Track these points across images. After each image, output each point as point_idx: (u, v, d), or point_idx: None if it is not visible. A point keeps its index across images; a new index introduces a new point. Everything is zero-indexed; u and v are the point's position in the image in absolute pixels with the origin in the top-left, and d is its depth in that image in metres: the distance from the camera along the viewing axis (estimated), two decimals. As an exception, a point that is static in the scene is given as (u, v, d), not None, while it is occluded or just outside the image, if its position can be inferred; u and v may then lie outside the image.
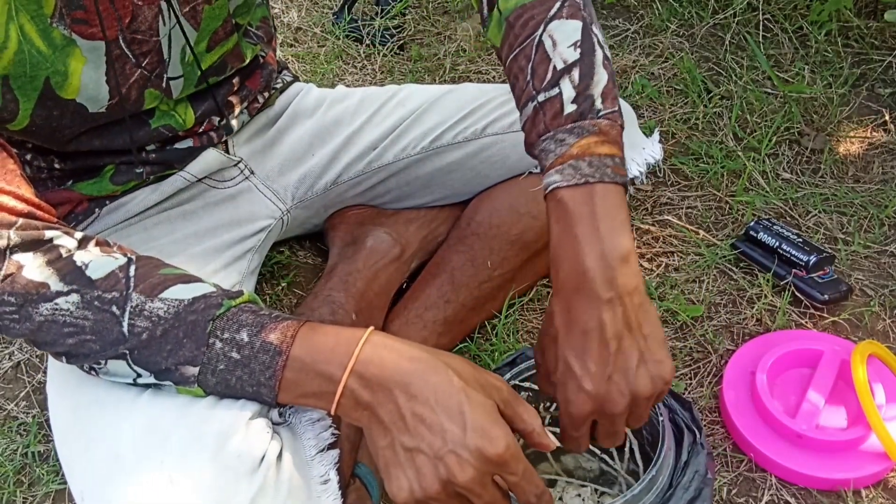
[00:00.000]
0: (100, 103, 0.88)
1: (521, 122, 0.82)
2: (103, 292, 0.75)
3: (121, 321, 0.74)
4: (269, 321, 0.74)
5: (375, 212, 1.23)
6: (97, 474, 0.77)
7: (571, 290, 0.73)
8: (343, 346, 0.72)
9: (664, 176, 1.38)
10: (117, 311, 0.74)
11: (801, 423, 1.01)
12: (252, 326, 0.74)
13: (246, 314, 0.75)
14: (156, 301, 0.75)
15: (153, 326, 0.74)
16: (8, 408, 1.15)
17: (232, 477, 0.73)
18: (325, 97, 1.21)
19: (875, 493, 0.99)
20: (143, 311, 0.74)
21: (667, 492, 0.79)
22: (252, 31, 1.08)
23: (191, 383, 0.75)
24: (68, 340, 0.76)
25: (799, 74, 1.53)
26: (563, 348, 0.74)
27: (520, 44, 0.82)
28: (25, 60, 0.80)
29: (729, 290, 1.22)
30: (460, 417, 0.68)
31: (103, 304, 0.75)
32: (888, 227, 1.29)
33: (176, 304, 0.75)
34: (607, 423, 0.75)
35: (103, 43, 0.85)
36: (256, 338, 0.73)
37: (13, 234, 0.74)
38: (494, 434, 0.68)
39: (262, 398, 0.75)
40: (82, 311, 0.75)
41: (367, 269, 1.15)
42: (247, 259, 1.10)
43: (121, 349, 0.75)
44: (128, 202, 1.02)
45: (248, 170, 1.12)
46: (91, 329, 0.75)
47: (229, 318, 0.74)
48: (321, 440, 0.81)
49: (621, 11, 1.74)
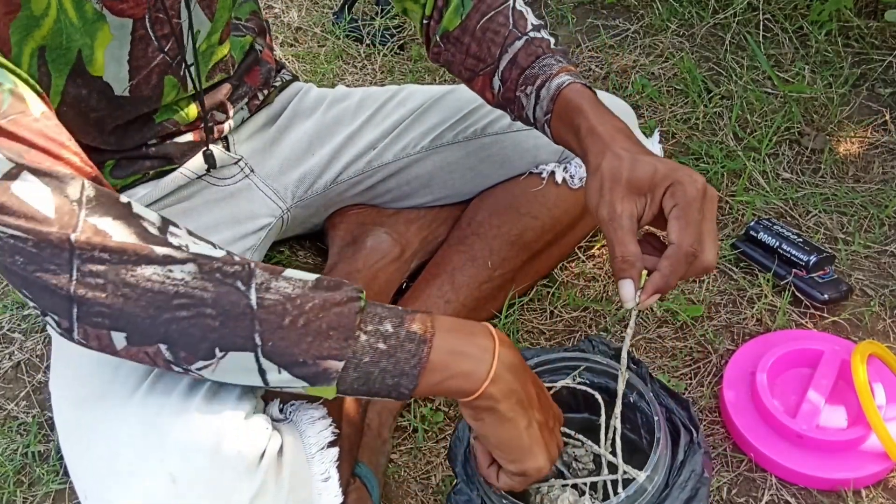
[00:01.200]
0: (122, 84, 0.89)
1: (507, 59, 0.94)
2: (224, 265, 0.70)
3: (247, 295, 0.69)
4: (404, 313, 0.74)
5: (375, 212, 1.23)
6: (98, 473, 0.77)
7: (612, 140, 0.82)
8: (478, 330, 0.76)
9: (664, 176, 1.38)
10: (242, 286, 0.69)
11: (802, 423, 1.01)
12: (393, 317, 0.73)
13: (378, 307, 0.74)
14: (280, 279, 0.71)
15: (285, 301, 0.70)
16: (8, 408, 1.15)
17: (232, 475, 0.73)
18: (325, 97, 1.21)
19: (875, 493, 0.99)
20: (271, 287, 0.70)
21: (663, 492, 0.79)
22: (241, 24, 1.08)
23: (330, 380, 0.71)
24: (180, 314, 0.67)
25: (799, 74, 1.53)
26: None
27: (494, 9, 0.96)
28: (62, 30, 0.80)
29: (729, 290, 1.22)
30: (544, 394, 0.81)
31: (226, 276, 0.69)
32: (888, 227, 1.29)
33: (302, 284, 0.71)
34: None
35: (131, 21, 0.85)
36: (400, 328, 0.72)
37: (88, 185, 0.69)
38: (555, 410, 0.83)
39: (398, 391, 0.72)
40: (201, 282, 0.68)
41: (366, 269, 1.15)
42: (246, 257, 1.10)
43: (254, 333, 0.69)
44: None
45: (248, 168, 1.12)
46: (213, 301, 0.68)
47: (369, 311, 0.73)
48: (321, 438, 0.81)
49: (621, 11, 1.74)
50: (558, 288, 1.23)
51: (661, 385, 0.94)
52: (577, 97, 0.88)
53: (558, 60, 0.93)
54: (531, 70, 0.93)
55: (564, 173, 1.16)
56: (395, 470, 1.05)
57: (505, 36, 0.95)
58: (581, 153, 0.86)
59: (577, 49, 1.66)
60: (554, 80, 0.90)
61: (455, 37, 0.98)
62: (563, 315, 1.20)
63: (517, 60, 0.94)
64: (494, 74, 0.96)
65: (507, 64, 0.95)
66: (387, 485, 1.03)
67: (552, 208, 1.16)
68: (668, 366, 1.13)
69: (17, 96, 0.70)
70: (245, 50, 1.08)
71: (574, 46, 1.67)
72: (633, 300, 0.79)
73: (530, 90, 0.92)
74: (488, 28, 0.96)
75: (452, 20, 0.98)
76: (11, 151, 0.67)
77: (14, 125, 0.68)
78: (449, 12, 0.98)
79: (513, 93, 0.95)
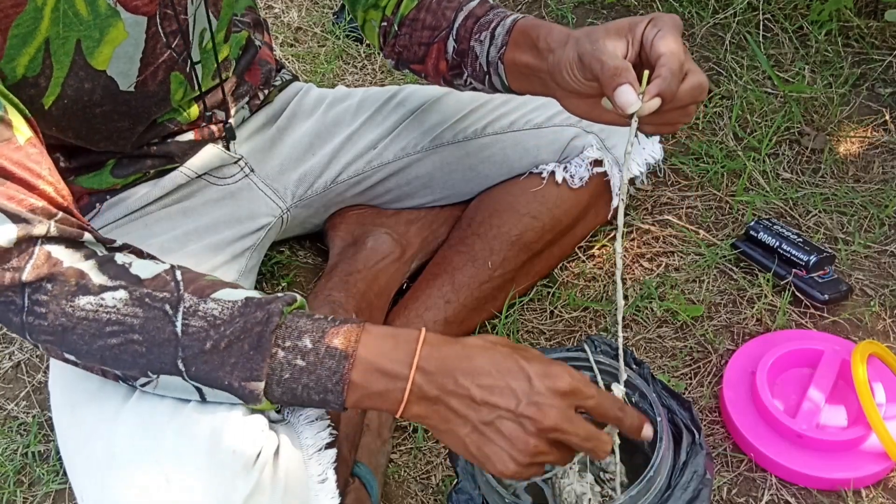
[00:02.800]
0: (129, 80, 0.88)
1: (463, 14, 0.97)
2: (153, 290, 0.73)
3: (174, 321, 0.72)
4: (329, 325, 0.73)
5: (376, 212, 1.23)
6: (94, 474, 0.77)
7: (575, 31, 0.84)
8: (403, 345, 0.73)
9: (664, 176, 1.38)
10: (170, 310, 0.72)
11: (802, 423, 1.01)
12: (313, 332, 0.73)
13: (303, 319, 0.74)
14: (209, 301, 0.73)
15: (209, 327, 0.72)
16: (8, 408, 1.15)
17: (227, 475, 0.73)
18: (326, 97, 1.21)
19: (875, 492, 0.99)
20: (198, 312, 0.72)
21: (665, 492, 0.79)
22: (237, 20, 1.08)
23: (258, 399, 0.73)
24: (110, 341, 0.72)
25: (799, 74, 1.53)
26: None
27: None
28: (59, 19, 0.80)
29: (729, 289, 1.22)
30: (521, 372, 0.71)
31: (154, 301, 0.72)
32: (888, 227, 1.29)
33: (230, 305, 0.73)
34: None
35: (145, 19, 0.86)
36: (320, 343, 0.72)
37: (53, 226, 0.73)
38: (555, 371, 0.71)
39: (329, 405, 0.74)
40: (131, 308, 0.72)
41: (367, 270, 1.15)
42: (245, 257, 1.10)
43: (177, 358, 0.72)
44: (128, 197, 1.02)
45: (248, 167, 1.12)
46: (140, 327, 0.72)
47: (288, 326, 0.73)
48: (319, 439, 0.81)
49: (621, 11, 1.73)
50: (558, 288, 1.23)
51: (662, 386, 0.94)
52: (534, 21, 0.91)
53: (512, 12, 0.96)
54: (486, 17, 0.96)
55: (564, 173, 1.16)
56: (395, 470, 1.05)
57: (460, 0, 0.98)
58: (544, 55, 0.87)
59: (576, 49, 1.66)
60: (509, 18, 0.94)
61: (411, 18, 1.01)
62: (563, 315, 1.20)
63: (473, 12, 0.97)
64: (449, 36, 0.98)
65: (462, 20, 0.97)
66: (387, 485, 1.03)
67: (552, 208, 1.16)
68: (668, 366, 1.13)
69: (5, 123, 0.73)
70: (242, 45, 1.08)
71: (574, 46, 1.66)
72: (636, 102, 0.75)
73: (484, 35, 0.95)
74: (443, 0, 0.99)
75: (409, 5, 1.01)
76: None
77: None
78: (404, 6, 1.01)
79: (467, 43, 0.96)
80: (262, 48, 1.12)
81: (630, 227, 1.31)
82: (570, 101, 0.87)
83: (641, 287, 1.22)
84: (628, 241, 1.29)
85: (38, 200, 0.73)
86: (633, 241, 1.29)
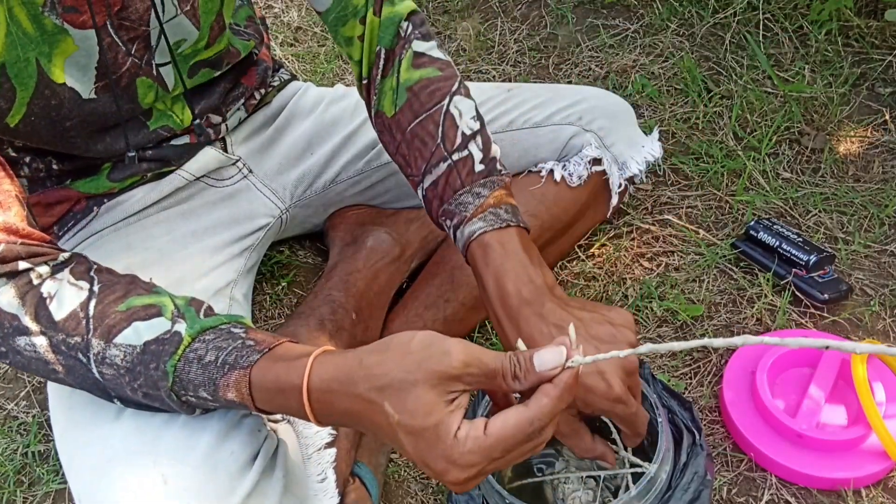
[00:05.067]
0: (87, 87, 0.87)
1: (430, 181, 0.91)
2: (67, 336, 0.73)
3: (90, 368, 0.73)
4: (219, 375, 0.70)
5: (375, 212, 1.23)
6: (92, 474, 0.77)
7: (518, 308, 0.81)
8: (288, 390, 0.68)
9: (664, 175, 1.38)
10: (83, 358, 0.73)
11: (802, 423, 1.01)
12: (207, 385, 0.71)
13: (194, 369, 0.71)
14: (112, 348, 0.73)
15: (119, 376, 0.73)
16: (8, 407, 1.15)
17: (225, 475, 0.73)
18: (324, 96, 1.21)
19: (875, 492, 0.99)
20: (106, 359, 0.73)
21: (665, 493, 0.79)
22: (241, 30, 1.08)
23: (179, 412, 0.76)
24: (57, 376, 0.75)
25: (799, 74, 1.53)
26: None
27: (426, 111, 0.92)
28: (16, 43, 0.79)
29: (729, 289, 1.22)
30: (403, 449, 0.63)
31: (70, 349, 0.73)
32: (888, 227, 1.29)
33: (131, 351, 0.72)
34: None
35: (94, 31, 0.84)
36: (217, 395, 0.71)
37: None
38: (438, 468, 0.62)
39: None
40: (53, 355, 0.74)
41: (367, 269, 1.15)
42: (244, 257, 1.10)
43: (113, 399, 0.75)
44: (126, 200, 1.02)
45: (246, 168, 1.12)
46: (67, 370, 0.74)
47: (181, 380, 0.71)
48: (318, 439, 0.81)
49: (621, 11, 1.73)
50: (558, 287, 1.23)
51: (663, 385, 0.94)
52: (487, 251, 0.84)
53: (476, 195, 0.88)
54: (448, 206, 0.89)
55: (563, 171, 1.16)
56: (394, 470, 1.05)
57: (431, 152, 0.91)
58: (490, 310, 0.85)
59: (577, 49, 1.66)
60: (466, 226, 0.87)
61: (389, 125, 0.95)
62: (563, 315, 1.20)
63: (437, 188, 0.91)
64: (418, 187, 0.94)
65: (429, 186, 0.91)
66: (386, 484, 1.03)
67: (551, 206, 1.16)
68: (668, 365, 1.13)
69: None
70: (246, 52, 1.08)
71: (574, 46, 1.66)
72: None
73: (449, 224, 0.90)
74: (417, 135, 0.92)
75: (388, 108, 0.95)
76: None
77: None
78: (385, 101, 0.95)
79: (434, 215, 0.93)
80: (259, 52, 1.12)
81: (630, 226, 1.31)
82: None
83: (641, 287, 1.22)
84: (628, 240, 1.29)
85: None
86: (633, 240, 1.29)
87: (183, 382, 0.71)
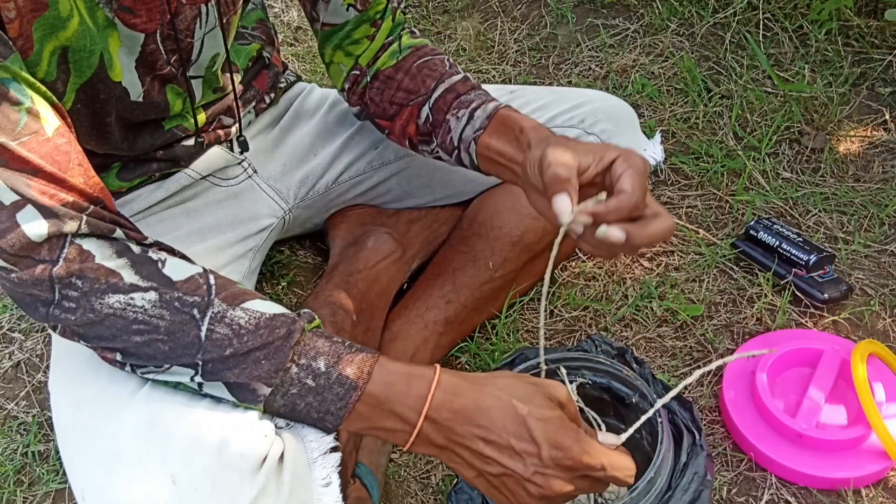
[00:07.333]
0: (136, 90, 0.89)
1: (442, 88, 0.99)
2: (184, 294, 0.74)
3: (199, 325, 0.74)
4: (345, 352, 0.75)
5: (376, 212, 1.23)
6: (97, 473, 0.77)
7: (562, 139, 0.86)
8: (416, 388, 0.74)
9: (664, 175, 1.38)
10: (198, 314, 0.74)
11: (802, 423, 1.01)
12: (329, 356, 0.74)
13: (322, 341, 0.75)
14: (237, 310, 0.74)
15: (233, 336, 0.73)
16: (8, 407, 1.15)
17: (234, 477, 0.73)
18: (328, 97, 1.21)
19: (875, 492, 0.99)
20: (225, 318, 0.74)
21: (665, 493, 0.79)
22: (247, 33, 1.08)
23: (257, 401, 0.75)
24: (135, 338, 0.74)
25: (799, 73, 1.53)
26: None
27: (431, 55, 1.03)
28: (86, 34, 0.80)
29: (729, 289, 1.22)
30: (532, 441, 0.72)
31: (184, 305, 0.74)
32: (888, 227, 1.29)
33: (258, 316, 0.74)
34: None
35: (143, 35, 0.86)
36: (333, 368, 0.74)
37: (84, 222, 0.73)
38: (566, 444, 0.72)
39: (323, 424, 0.76)
40: (159, 311, 0.73)
41: (368, 270, 1.15)
42: (248, 258, 1.10)
43: (196, 358, 0.74)
44: (133, 199, 1.02)
45: (251, 168, 1.12)
46: (166, 330, 0.74)
47: (306, 343, 0.74)
48: (323, 443, 0.81)
49: (621, 10, 1.73)
50: (558, 288, 1.23)
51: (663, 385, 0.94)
52: (516, 115, 0.93)
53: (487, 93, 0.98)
54: (467, 96, 0.98)
55: (565, 173, 1.16)
56: (395, 470, 1.05)
57: (442, 72, 1.01)
58: (523, 149, 0.88)
59: (577, 48, 1.66)
60: (491, 103, 0.96)
61: (387, 75, 1.03)
62: (563, 315, 1.20)
63: (454, 87, 0.99)
64: (425, 103, 1.00)
65: (441, 91, 0.99)
66: (387, 485, 1.03)
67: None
68: (668, 365, 1.13)
69: (33, 115, 0.72)
70: (251, 57, 1.09)
71: (574, 46, 1.66)
72: (567, 213, 0.77)
73: (462, 113, 0.96)
74: (425, 66, 1.01)
75: (386, 62, 1.03)
76: (19, 182, 0.71)
77: (25, 147, 0.71)
78: (384, 56, 1.03)
79: (443, 115, 0.98)
80: (272, 58, 1.12)
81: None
82: (532, 196, 0.87)
83: (641, 286, 1.22)
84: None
85: (68, 195, 0.73)
86: (633, 240, 1.29)
87: (307, 346, 0.74)
